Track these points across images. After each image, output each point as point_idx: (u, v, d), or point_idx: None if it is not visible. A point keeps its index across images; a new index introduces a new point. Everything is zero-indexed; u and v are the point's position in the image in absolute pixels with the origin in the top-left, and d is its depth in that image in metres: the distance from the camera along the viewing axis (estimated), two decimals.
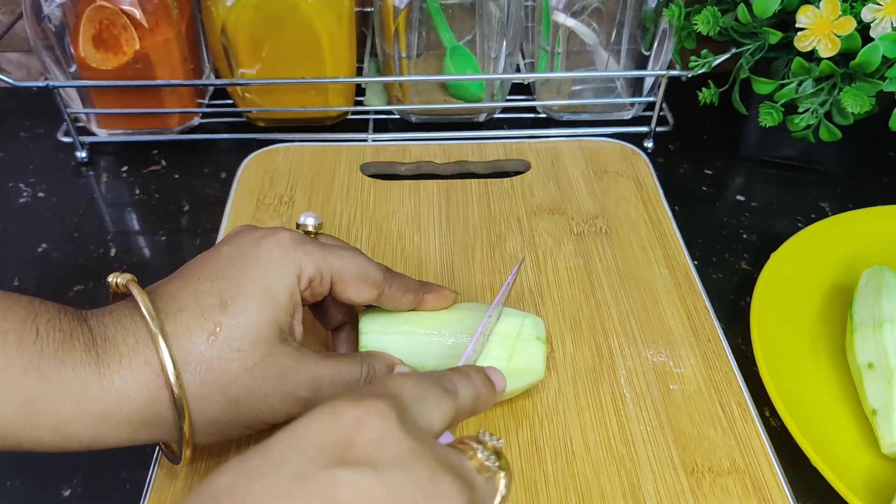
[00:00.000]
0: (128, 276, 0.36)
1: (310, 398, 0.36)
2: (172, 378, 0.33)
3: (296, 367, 0.36)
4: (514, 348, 0.41)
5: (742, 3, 0.54)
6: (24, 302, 0.33)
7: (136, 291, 0.35)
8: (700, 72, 0.58)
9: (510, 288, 0.44)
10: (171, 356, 0.33)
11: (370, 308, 0.42)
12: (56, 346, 0.32)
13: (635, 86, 0.68)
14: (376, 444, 0.25)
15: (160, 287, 0.36)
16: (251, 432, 0.37)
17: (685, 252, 0.54)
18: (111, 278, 0.36)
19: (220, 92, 0.70)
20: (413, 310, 0.41)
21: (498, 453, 0.29)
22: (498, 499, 0.28)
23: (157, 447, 0.40)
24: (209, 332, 0.34)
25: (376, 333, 0.41)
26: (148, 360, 0.33)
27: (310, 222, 0.42)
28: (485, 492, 0.28)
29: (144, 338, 0.34)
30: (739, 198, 0.63)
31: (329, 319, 0.43)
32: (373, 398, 0.27)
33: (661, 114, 0.67)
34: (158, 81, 0.62)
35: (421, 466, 0.25)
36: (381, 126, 0.69)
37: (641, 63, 0.66)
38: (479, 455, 0.28)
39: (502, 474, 0.28)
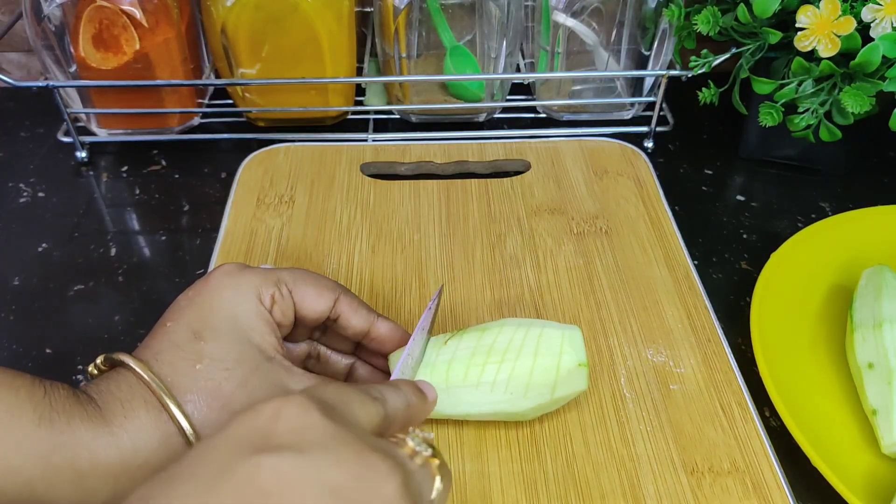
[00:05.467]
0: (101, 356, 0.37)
1: None
2: (174, 409, 0.34)
3: (290, 378, 0.37)
4: (554, 384, 0.40)
5: (742, 3, 0.54)
6: (27, 374, 0.34)
7: (116, 355, 0.35)
8: (700, 72, 0.58)
9: (433, 314, 0.43)
10: (165, 388, 0.34)
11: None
12: (63, 401, 0.33)
13: (635, 86, 0.68)
14: (295, 431, 0.25)
15: (135, 350, 0.37)
16: None
17: (685, 252, 0.54)
18: (90, 368, 0.37)
19: (220, 92, 0.70)
20: (368, 334, 0.41)
21: (428, 443, 0.29)
22: (435, 491, 0.28)
23: None
24: (193, 362, 0.35)
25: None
26: (147, 400, 0.34)
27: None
28: (421, 478, 0.27)
29: (136, 383, 0.34)
30: (739, 198, 0.63)
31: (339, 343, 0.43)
32: (292, 395, 0.27)
33: (661, 114, 0.67)
34: (158, 81, 0.62)
35: (346, 449, 0.25)
36: (381, 126, 0.69)
37: (641, 63, 0.66)
38: (410, 442, 0.28)
39: (437, 463, 0.28)
